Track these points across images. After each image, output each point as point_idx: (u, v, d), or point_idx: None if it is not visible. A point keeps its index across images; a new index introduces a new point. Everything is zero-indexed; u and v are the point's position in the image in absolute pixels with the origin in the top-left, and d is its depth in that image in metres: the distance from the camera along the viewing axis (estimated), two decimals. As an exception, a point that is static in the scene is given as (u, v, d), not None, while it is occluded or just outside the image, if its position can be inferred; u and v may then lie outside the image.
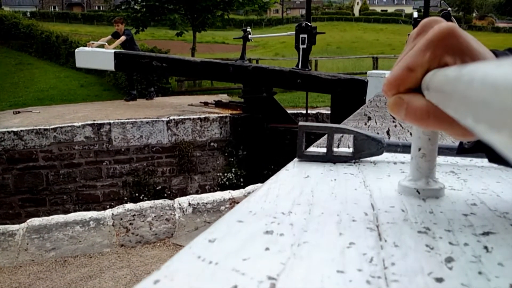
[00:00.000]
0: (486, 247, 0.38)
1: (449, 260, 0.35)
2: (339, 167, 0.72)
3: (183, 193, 6.71)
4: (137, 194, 6.33)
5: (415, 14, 7.38)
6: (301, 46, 6.78)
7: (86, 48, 7.90)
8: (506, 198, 0.55)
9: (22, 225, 2.91)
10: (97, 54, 7.63)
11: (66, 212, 6.22)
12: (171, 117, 6.52)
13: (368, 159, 0.78)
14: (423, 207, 0.50)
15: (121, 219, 3.01)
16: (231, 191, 3.43)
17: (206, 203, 3.27)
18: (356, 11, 75.39)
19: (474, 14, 71.22)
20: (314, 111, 7.86)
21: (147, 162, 6.45)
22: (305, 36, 6.78)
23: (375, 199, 0.53)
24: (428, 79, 0.36)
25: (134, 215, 3.06)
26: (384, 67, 14.05)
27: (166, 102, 8.67)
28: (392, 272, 0.33)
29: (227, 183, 6.69)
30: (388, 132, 1.36)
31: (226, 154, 6.77)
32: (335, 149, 0.76)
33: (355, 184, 0.61)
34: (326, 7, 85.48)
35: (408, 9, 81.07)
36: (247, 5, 14.56)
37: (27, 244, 2.69)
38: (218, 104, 7.55)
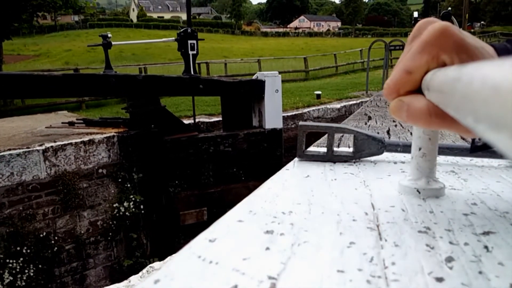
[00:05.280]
0: (486, 247, 0.38)
1: (449, 259, 0.35)
2: (339, 166, 0.73)
3: (71, 235, 5.47)
4: (18, 248, 4.88)
5: (415, 14, 7.52)
6: (190, 52, 6.32)
7: None
8: (506, 197, 0.55)
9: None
10: None
11: None
12: (47, 145, 5.21)
13: (368, 158, 0.78)
14: (423, 206, 0.50)
15: None
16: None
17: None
18: (133, 17, 74.33)
19: (242, 21, 77.86)
20: (191, 120, 7.31)
21: (23, 205, 5.02)
22: (194, 42, 6.36)
23: (375, 198, 0.53)
24: (428, 79, 0.36)
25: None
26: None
27: (6, 127, 6.93)
28: (392, 271, 0.33)
29: (126, 213, 5.71)
30: (388, 132, 1.38)
31: (119, 180, 5.76)
32: (335, 149, 0.77)
33: (356, 184, 0.61)
34: (100, 13, 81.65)
35: (184, 16, 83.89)
36: (59, 8, 12.75)
37: None
38: (90, 123, 6.39)
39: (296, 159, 0.77)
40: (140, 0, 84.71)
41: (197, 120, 7.37)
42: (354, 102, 8.99)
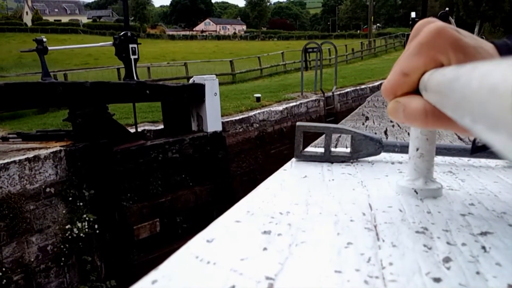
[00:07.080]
0: (483, 247, 0.38)
1: (446, 260, 0.35)
2: (337, 167, 0.73)
3: (20, 264, 4.87)
4: (-39, 287, 4.22)
5: (413, 14, 7.37)
6: (132, 57, 6.02)
7: None
8: (504, 198, 0.55)
9: None
10: None
11: None
12: (-13, 164, 4.59)
13: (366, 159, 0.78)
14: (421, 207, 0.50)
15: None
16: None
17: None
18: (28, 21, 69.08)
19: (146, 24, 75.84)
20: (132, 129, 6.87)
21: (-36, 235, 4.37)
22: (135, 46, 6.05)
23: (372, 199, 0.54)
24: (425, 80, 0.36)
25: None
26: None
27: None
28: (390, 272, 0.33)
29: (81, 235, 5.21)
30: (386, 132, 1.38)
31: (70, 198, 5.24)
32: (332, 149, 0.77)
33: (353, 184, 0.61)
34: (-12, 16, 74.67)
35: (83, 19, 79.76)
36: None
37: None
38: (27, 137, 5.75)
39: (293, 159, 0.76)
40: (34, 3, 78.95)
41: (141, 128, 6.98)
42: (294, 103, 9.10)
